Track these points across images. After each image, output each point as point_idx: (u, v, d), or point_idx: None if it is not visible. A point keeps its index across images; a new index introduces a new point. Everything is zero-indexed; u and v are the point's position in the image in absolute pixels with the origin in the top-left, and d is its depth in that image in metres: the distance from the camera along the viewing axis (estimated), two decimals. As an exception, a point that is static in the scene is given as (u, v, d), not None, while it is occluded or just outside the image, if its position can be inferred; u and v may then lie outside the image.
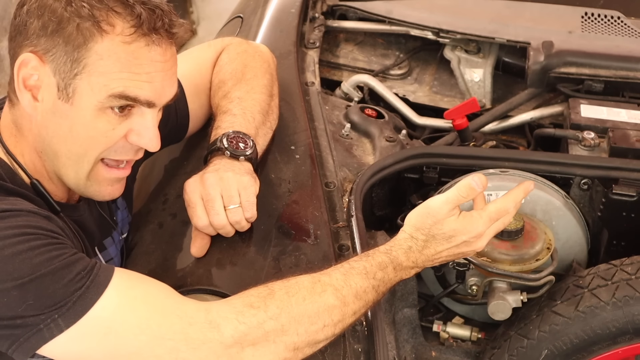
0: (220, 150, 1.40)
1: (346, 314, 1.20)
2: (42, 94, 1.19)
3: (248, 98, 1.54)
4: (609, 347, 1.44)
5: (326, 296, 1.18)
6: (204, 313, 1.13)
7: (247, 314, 1.14)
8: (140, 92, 1.19)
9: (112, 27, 1.16)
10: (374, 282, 1.24)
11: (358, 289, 1.22)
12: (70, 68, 1.16)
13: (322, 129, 1.71)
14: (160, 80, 1.21)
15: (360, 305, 1.22)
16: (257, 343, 1.13)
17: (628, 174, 1.64)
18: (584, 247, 1.70)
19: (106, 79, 1.17)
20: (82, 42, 1.15)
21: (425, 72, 2.33)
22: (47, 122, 1.20)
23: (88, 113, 1.19)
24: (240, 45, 1.68)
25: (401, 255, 1.29)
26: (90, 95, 1.17)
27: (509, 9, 2.31)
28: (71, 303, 1.08)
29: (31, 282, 1.06)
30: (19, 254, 1.07)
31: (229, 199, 1.33)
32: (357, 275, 1.23)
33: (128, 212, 1.54)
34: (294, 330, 1.15)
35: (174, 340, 1.11)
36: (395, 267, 1.28)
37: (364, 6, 2.34)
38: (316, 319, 1.17)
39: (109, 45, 1.16)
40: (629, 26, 2.19)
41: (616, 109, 1.90)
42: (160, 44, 1.19)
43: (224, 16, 2.58)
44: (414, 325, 1.62)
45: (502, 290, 1.56)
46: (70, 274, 1.09)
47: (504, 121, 2.08)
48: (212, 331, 1.12)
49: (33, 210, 1.14)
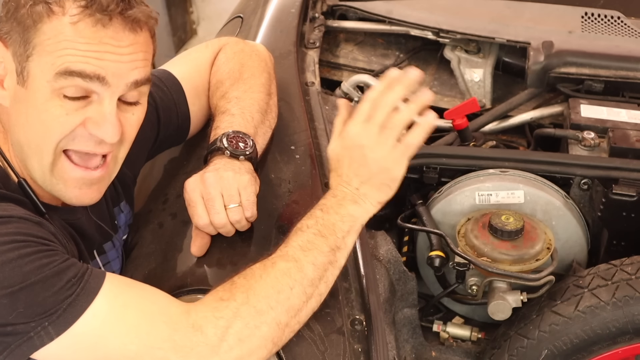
0: (220, 150, 1.40)
1: (304, 268, 1.22)
2: (8, 81, 1.19)
3: (246, 97, 1.54)
4: (609, 347, 1.44)
5: (277, 264, 1.22)
6: (185, 316, 1.14)
7: (220, 307, 1.15)
8: (86, 67, 1.15)
9: (61, 9, 1.15)
10: (310, 231, 1.26)
11: (300, 243, 1.24)
12: (24, 50, 1.16)
13: (322, 129, 1.71)
14: (113, 61, 1.16)
15: (313, 255, 1.23)
16: (242, 338, 1.14)
17: (628, 174, 1.64)
18: (584, 247, 1.70)
19: (52, 57, 1.15)
20: (31, 23, 1.15)
21: (425, 72, 2.33)
22: (12, 110, 1.20)
23: (40, 96, 1.16)
24: (236, 44, 1.68)
25: (322, 200, 1.31)
26: (41, 77, 1.16)
27: (509, 9, 2.31)
28: (61, 311, 1.08)
29: (21, 290, 1.06)
30: (9, 262, 1.06)
31: (229, 198, 1.33)
32: (293, 236, 1.26)
33: (132, 215, 1.54)
34: (266, 306, 1.17)
35: (163, 350, 1.12)
36: (322, 208, 1.29)
37: (364, 6, 2.34)
38: (279, 285, 1.19)
39: (56, 25, 1.15)
40: (629, 26, 2.19)
41: (616, 109, 1.90)
42: (110, 26, 1.15)
43: (224, 16, 2.58)
44: (414, 325, 1.62)
45: (502, 290, 1.56)
46: (60, 281, 1.08)
47: (504, 121, 2.08)
48: (196, 335, 1.12)
49: (24, 217, 1.13)
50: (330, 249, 1.25)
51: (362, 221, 1.31)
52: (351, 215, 1.29)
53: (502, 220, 1.57)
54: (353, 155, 1.30)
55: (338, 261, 1.27)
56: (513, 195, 1.66)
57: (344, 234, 1.28)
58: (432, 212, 1.70)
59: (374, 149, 1.28)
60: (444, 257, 1.61)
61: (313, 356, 1.21)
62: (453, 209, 1.68)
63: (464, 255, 1.55)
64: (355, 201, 1.30)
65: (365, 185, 1.31)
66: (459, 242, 1.59)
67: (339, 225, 1.28)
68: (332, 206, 1.29)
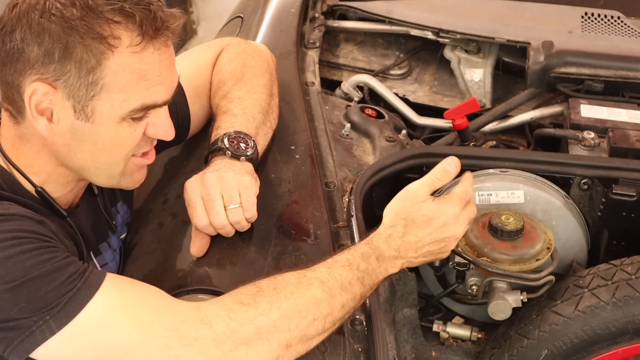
0: (221, 150, 1.40)
1: (334, 307, 1.20)
2: (57, 116, 1.19)
3: (248, 98, 1.54)
4: (609, 347, 1.44)
5: (313, 289, 1.19)
6: (195, 311, 1.14)
7: (238, 311, 1.14)
8: (157, 97, 1.21)
9: (118, 40, 1.15)
10: (357, 273, 1.25)
11: (343, 280, 1.22)
12: (87, 91, 1.16)
13: (322, 129, 1.71)
14: (169, 76, 1.23)
15: (347, 297, 1.22)
16: (249, 341, 1.13)
17: (628, 174, 1.64)
18: (584, 247, 1.70)
19: (125, 94, 1.18)
20: (95, 63, 1.15)
21: (425, 72, 2.34)
22: (67, 140, 1.21)
23: (111, 126, 1.20)
24: (239, 45, 1.68)
25: (382, 243, 1.30)
26: (111, 112, 1.19)
27: (509, 9, 2.31)
28: (62, 305, 1.08)
29: (23, 284, 1.07)
30: (11, 257, 1.07)
31: (229, 199, 1.33)
32: (340, 267, 1.24)
33: (130, 214, 1.54)
34: (285, 326, 1.15)
35: (166, 338, 1.11)
36: (378, 256, 1.29)
37: (364, 6, 2.34)
38: (305, 312, 1.17)
39: (120, 59, 1.15)
40: (629, 26, 2.19)
41: (616, 109, 1.90)
42: (165, 44, 1.20)
43: (224, 16, 2.58)
44: (414, 325, 1.62)
45: (502, 290, 1.56)
46: (62, 276, 1.09)
47: (504, 121, 2.08)
48: (204, 327, 1.12)
49: (26, 215, 1.14)
50: (361, 297, 1.26)
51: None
52: (391, 272, 1.32)
53: (502, 220, 1.57)
54: (451, 231, 1.36)
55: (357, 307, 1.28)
56: (513, 195, 1.66)
57: (374, 286, 1.29)
58: (432, 212, 1.69)
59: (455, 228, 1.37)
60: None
61: (313, 356, 1.21)
62: (453, 209, 1.68)
63: (464, 255, 1.55)
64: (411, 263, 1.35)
65: (423, 259, 1.36)
66: (459, 242, 1.59)
67: (383, 274, 1.30)
68: (388, 260, 1.31)
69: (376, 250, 1.29)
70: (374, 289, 1.29)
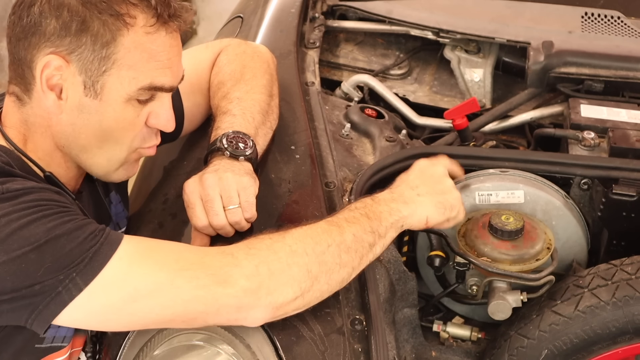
0: (220, 150, 1.40)
1: (345, 235, 1.26)
2: (67, 92, 1.21)
3: (247, 98, 1.54)
4: (609, 347, 1.44)
5: (320, 224, 1.27)
6: (215, 248, 1.21)
7: (255, 242, 1.22)
8: (165, 80, 1.24)
9: (134, 19, 1.19)
10: (358, 211, 1.31)
11: (346, 216, 1.30)
12: (99, 66, 1.19)
13: (322, 129, 1.71)
14: (177, 64, 1.27)
15: (356, 228, 1.28)
16: (271, 266, 1.18)
17: (628, 174, 1.64)
18: (584, 247, 1.70)
19: (135, 72, 1.21)
20: (110, 38, 1.18)
21: (425, 72, 2.33)
22: (74, 118, 1.23)
23: (118, 106, 1.23)
24: (239, 46, 1.68)
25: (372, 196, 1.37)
26: (120, 89, 1.22)
27: (509, 9, 2.31)
28: (88, 259, 1.11)
29: (47, 242, 1.10)
30: (34, 221, 1.11)
31: (228, 200, 1.33)
32: (339, 212, 1.33)
33: (123, 206, 1.55)
34: (302, 250, 1.21)
35: (192, 270, 1.16)
36: (373, 198, 1.36)
37: (364, 6, 2.34)
38: (318, 238, 1.24)
39: (134, 37, 1.19)
40: (629, 26, 2.19)
41: (616, 109, 1.90)
42: (176, 30, 1.24)
43: (224, 16, 2.58)
44: (414, 325, 1.62)
45: (502, 290, 1.56)
46: (83, 233, 1.13)
47: (504, 121, 2.08)
48: (226, 257, 1.18)
49: (44, 187, 1.19)
50: (372, 230, 1.30)
51: (408, 223, 1.36)
52: (400, 211, 1.35)
53: (502, 220, 1.57)
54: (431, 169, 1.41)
55: (376, 246, 1.31)
56: (513, 195, 1.66)
57: (387, 224, 1.32)
58: (432, 212, 1.69)
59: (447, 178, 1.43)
60: (444, 257, 1.61)
61: (313, 356, 1.21)
62: (453, 209, 1.68)
63: (464, 255, 1.55)
64: (408, 202, 1.36)
65: (426, 196, 1.38)
66: (459, 242, 1.59)
67: (385, 216, 1.33)
68: (385, 199, 1.35)
69: (369, 196, 1.37)
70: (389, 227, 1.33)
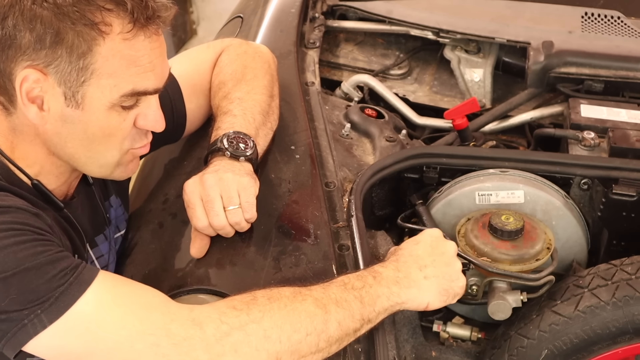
0: (221, 150, 1.40)
1: (329, 323, 1.18)
2: (48, 103, 1.19)
3: (248, 99, 1.54)
4: (609, 347, 1.44)
5: (307, 304, 1.18)
6: (187, 311, 1.13)
7: (230, 315, 1.13)
8: (148, 84, 1.22)
9: (109, 27, 1.15)
10: (353, 292, 1.23)
11: (338, 297, 1.21)
12: (77, 77, 1.16)
13: (322, 129, 1.71)
14: (160, 64, 1.24)
15: (343, 314, 1.20)
16: (238, 348, 1.12)
17: (628, 174, 1.64)
18: (584, 247, 1.70)
19: (115, 80, 1.18)
20: (86, 48, 1.15)
21: (425, 72, 2.33)
22: (58, 128, 1.21)
23: (101, 114, 1.20)
24: (240, 46, 1.68)
25: (378, 267, 1.30)
26: (101, 98, 1.19)
27: (509, 9, 2.31)
28: (53, 299, 1.08)
29: (14, 276, 1.06)
30: (4, 248, 1.07)
31: (228, 200, 1.33)
32: (335, 287, 1.23)
33: (124, 209, 1.54)
34: (276, 337, 1.14)
35: (155, 336, 1.10)
36: (375, 276, 1.27)
37: (364, 6, 2.34)
38: (298, 325, 1.16)
39: (111, 45, 1.16)
40: (629, 26, 2.19)
41: (616, 109, 1.90)
42: (156, 32, 1.21)
43: (224, 16, 2.58)
44: (414, 325, 1.62)
45: (502, 290, 1.55)
46: (54, 270, 1.09)
47: (504, 121, 2.08)
48: (194, 328, 1.11)
49: (22, 207, 1.14)
50: (361, 317, 1.22)
51: (405, 307, 1.30)
52: (399, 296, 1.27)
53: (502, 220, 1.57)
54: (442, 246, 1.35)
55: (361, 330, 1.24)
56: (513, 195, 1.66)
57: (381, 309, 1.25)
58: (432, 212, 1.69)
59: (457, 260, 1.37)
60: (444, 257, 1.61)
61: (313, 356, 1.21)
62: (453, 208, 1.68)
63: (464, 255, 1.55)
64: (412, 286, 1.29)
65: (433, 279, 1.31)
66: (459, 242, 1.59)
67: (382, 300, 1.25)
68: (388, 279, 1.27)
69: (372, 271, 1.28)
70: (381, 312, 1.26)
